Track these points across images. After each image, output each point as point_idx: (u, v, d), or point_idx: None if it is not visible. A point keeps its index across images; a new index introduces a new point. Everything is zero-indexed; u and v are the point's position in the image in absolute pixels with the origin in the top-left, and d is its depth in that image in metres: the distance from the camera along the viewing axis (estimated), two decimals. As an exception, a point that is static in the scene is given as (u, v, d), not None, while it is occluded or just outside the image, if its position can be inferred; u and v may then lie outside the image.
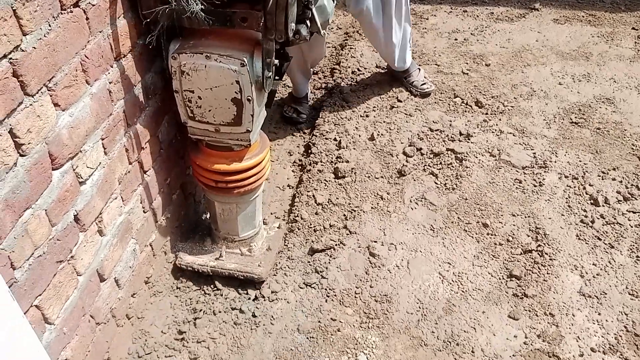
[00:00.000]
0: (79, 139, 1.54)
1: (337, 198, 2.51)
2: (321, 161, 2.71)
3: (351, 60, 3.40)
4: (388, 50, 2.93)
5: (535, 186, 2.50)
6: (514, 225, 2.34)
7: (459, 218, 2.39)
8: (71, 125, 1.49)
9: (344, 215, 2.43)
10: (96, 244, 1.71)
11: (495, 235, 2.31)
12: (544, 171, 2.56)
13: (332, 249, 2.28)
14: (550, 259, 2.19)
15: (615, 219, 2.32)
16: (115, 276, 1.86)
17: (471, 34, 3.62)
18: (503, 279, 2.15)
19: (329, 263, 2.23)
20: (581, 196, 2.43)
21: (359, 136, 2.82)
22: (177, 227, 2.28)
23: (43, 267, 1.45)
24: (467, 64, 3.32)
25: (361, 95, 3.10)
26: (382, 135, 2.81)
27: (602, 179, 2.50)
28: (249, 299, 2.14)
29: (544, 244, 2.25)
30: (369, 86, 3.17)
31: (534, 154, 2.65)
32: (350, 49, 3.52)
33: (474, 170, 2.59)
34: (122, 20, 1.66)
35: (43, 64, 1.35)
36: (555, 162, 2.60)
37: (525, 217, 2.37)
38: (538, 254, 2.22)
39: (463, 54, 3.42)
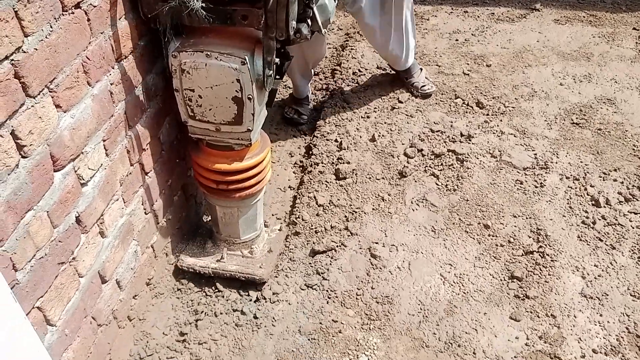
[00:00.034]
0: (81, 141, 1.54)
1: (338, 199, 2.50)
2: (322, 162, 2.70)
3: (352, 61, 3.39)
4: (387, 50, 2.92)
5: (536, 187, 2.50)
6: (515, 226, 2.34)
7: (460, 219, 2.39)
8: (73, 126, 1.49)
9: (345, 216, 2.43)
10: (98, 246, 1.70)
11: (496, 236, 2.31)
12: (545, 172, 2.56)
13: (333, 251, 2.28)
14: (551, 260, 2.19)
15: (616, 220, 2.32)
16: (117, 278, 1.86)
17: (472, 34, 3.62)
18: (504, 280, 2.15)
19: (330, 264, 2.23)
20: (582, 197, 2.43)
21: (360, 137, 2.81)
22: (178, 228, 2.28)
23: (45, 268, 1.44)
24: (468, 64, 3.32)
25: (362, 97, 3.10)
26: (383, 136, 2.80)
27: (604, 180, 2.50)
28: (251, 300, 2.14)
29: (545, 245, 2.25)
30: (369, 87, 3.17)
31: (535, 154, 2.65)
32: (351, 50, 3.52)
33: (475, 171, 2.59)
34: (124, 21, 1.66)
35: (44, 66, 1.35)
36: (556, 163, 2.60)
37: (526, 218, 2.37)
38: (539, 255, 2.21)
39: (464, 54, 3.42)
